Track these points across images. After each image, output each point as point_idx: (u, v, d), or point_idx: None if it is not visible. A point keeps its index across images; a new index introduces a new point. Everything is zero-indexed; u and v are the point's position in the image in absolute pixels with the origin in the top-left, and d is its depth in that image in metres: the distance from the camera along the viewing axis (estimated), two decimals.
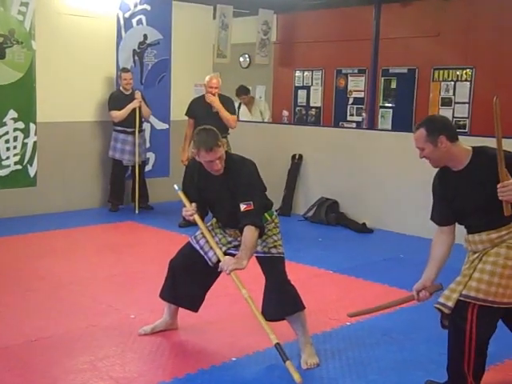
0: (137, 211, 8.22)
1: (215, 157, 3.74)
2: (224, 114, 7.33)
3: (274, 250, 4.08)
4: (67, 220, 7.73)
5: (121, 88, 8.17)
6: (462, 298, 3.20)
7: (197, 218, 3.94)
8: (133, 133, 8.15)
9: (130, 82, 8.10)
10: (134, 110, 8.07)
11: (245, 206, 3.77)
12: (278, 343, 3.59)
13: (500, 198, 3.10)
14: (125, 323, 4.43)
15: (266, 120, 9.72)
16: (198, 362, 3.84)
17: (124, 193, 8.49)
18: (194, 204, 3.95)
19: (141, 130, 8.27)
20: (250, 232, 3.74)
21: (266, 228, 3.94)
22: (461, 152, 3.30)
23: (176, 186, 4.14)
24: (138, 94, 8.11)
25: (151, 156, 8.97)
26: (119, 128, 8.17)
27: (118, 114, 8.05)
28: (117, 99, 8.10)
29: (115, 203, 8.40)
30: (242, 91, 9.61)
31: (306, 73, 10.48)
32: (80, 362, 3.75)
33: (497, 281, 3.17)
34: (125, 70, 8.17)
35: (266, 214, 4.00)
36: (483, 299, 3.17)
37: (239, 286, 3.83)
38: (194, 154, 3.88)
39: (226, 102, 7.54)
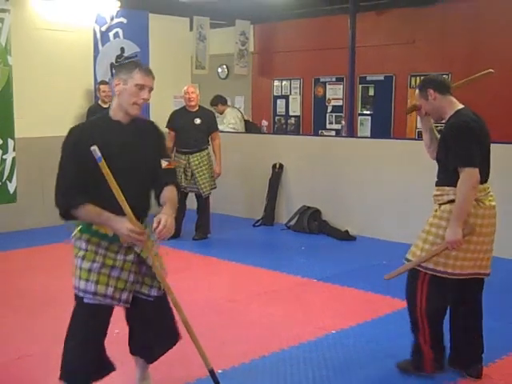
0: None
1: (151, 84, 3.20)
2: None
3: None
4: (48, 236, 7.66)
5: (99, 101, 8.13)
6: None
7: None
8: None
9: (108, 94, 8.05)
10: None
11: (166, 163, 3.22)
12: (211, 370, 3.31)
13: None
14: (108, 339, 4.39)
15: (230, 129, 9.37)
16: (183, 376, 3.82)
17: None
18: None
19: None
20: (173, 193, 3.22)
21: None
22: (449, 106, 3.61)
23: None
24: None
25: None
26: None
27: None
28: (95, 112, 8.02)
29: None
30: (217, 100, 9.39)
31: (284, 82, 10.52)
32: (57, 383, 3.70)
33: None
34: (103, 82, 8.14)
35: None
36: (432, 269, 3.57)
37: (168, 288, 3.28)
38: (120, 81, 3.13)
39: (207, 115, 7.55)
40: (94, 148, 2.85)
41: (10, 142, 7.79)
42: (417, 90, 3.74)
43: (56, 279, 5.89)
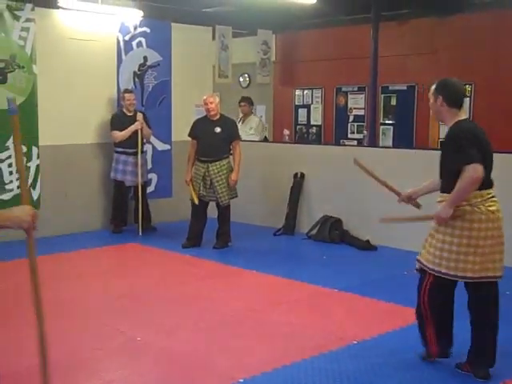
0: (140, 233, 8.19)
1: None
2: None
3: None
4: (71, 243, 7.73)
5: (123, 109, 8.20)
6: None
7: None
8: (134, 154, 8.14)
9: (132, 102, 8.14)
10: (135, 132, 8.08)
11: None
12: None
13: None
14: (131, 346, 4.42)
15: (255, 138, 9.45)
16: None
17: (127, 214, 8.47)
18: None
19: (142, 151, 8.27)
20: None
21: None
22: (450, 118, 3.91)
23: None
24: (139, 116, 8.14)
25: (153, 177, 8.99)
26: (120, 149, 8.16)
27: (119, 135, 8.07)
28: (119, 120, 8.13)
29: (118, 225, 8.37)
30: (246, 99, 9.42)
31: (306, 91, 10.52)
32: None
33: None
34: (127, 91, 8.22)
35: None
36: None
37: None
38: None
39: (229, 124, 7.55)
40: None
41: (34, 150, 7.89)
42: (433, 87, 3.97)
43: (80, 286, 5.94)
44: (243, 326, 4.86)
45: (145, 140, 8.35)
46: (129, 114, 8.15)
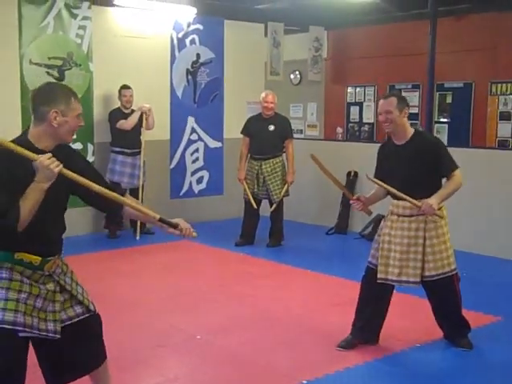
0: (138, 237, 7.85)
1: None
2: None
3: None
4: (77, 245, 7.72)
5: (120, 106, 7.81)
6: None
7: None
8: (132, 154, 7.77)
9: (130, 99, 7.76)
10: (135, 130, 7.72)
11: None
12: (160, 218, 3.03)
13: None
14: (191, 344, 4.41)
15: None
16: None
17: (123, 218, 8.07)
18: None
19: (140, 152, 7.85)
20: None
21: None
22: (408, 129, 4.17)
23: None
24: (146, 106, 7.77)
25: (205, 174, 9.00)
26: (117, 149, 7.77)
27: (128, 123, 7.64)
28: (116, 117, 7.72)
29: (114, 229, 7.92)
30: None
31: (358, 89, 10.38)
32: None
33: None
34: (125, 86, 7.79)
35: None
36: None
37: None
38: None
39: (282, 122, 7.51)
40: None
41: (90, 147, 7.97)
42: (393, 99, 4.13)
43: (131, 285, 5.97)
44: (302, 327, 4.80)
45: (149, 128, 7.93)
46: (126, 111, 7.80)
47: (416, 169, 4.08)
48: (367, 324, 4.35)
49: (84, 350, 3.00)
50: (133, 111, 7.80)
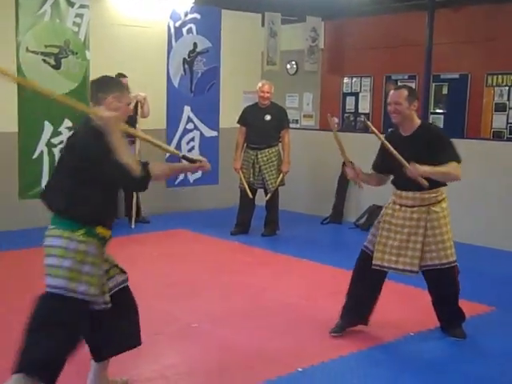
0: (133, 225, 7.87)
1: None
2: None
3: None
4: None
5: None
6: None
7: None
8: (128, 143, 7.68)
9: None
10: (130, 118, 7.62)
11: None
12: (183, 155, 3.48)
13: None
14: (187, 332, 4.44)
15: None
16: (263, 373, 3.81)
17: (118, 206, 7.97)
18: None
19: (135, 141, 7.63)
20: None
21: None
22: (415, 120, 4.24)
23: None
24: (141, 94, 7.75)
25: None
26: None
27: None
28: None
29: None
30: None
31: (354, 79, 10.41)
32: (148, 371, 3.77)
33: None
34: (121, 75, 7.54)
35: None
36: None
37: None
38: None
39: (278, 112, 7.54)
40: None
41: None
42: (403, 91, 4.19)
43: (132, 271, 5.98)
44: (298, 315, 4.84)
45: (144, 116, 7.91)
46: None
47: (420, 160, 4.07)
48: (356, 307, 4.42)
49: (125, 322, 3.28)
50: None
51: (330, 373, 3.83)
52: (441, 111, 9.29)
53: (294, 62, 11.04)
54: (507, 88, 8.59)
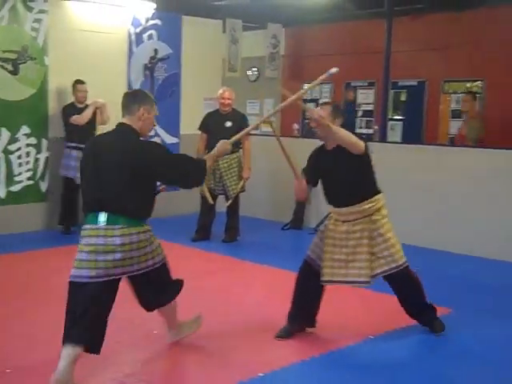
0: None
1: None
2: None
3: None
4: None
5: (74, 101, 7.71)
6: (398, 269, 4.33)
7: None
8: None
9: (84, 94, 7.66)
10: (89, 125, 7.61)
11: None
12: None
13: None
14: (148, 339, 4.42)
15: None
16: (225, 379, 3.82)
17: (78, 213, 7.72)
18: None
19: None
20: None
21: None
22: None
23: None
24: (100, 101, 7.71)
25: None
26: (72, 144, 7.61)
27: (82, 118, 7.53)
28: (70, 112, 7.62)
29: (68, 225, 7.79)
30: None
31: None
32: (108, 379, 3.74)
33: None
34: (80, 81, 7.67)
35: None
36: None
37: None
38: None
39: (239, 118, 7.56)
40: None
41: (44, 142, 7.88)
42: (328, 108, 4.34)
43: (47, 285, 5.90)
44: (259, 321, 4.86)
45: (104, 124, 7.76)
46: (80, 106, 7.68)
47: (344, 171, 4.26)
48: (301, 313, 4.53)
49: (162, 285, 4.06)
50: (87, 106, 7.72)
51: (291, 377, 3.86)
52: (399, 117, 9.44)
53: (255, 69, 11.10)
54: (463, 95, 8.77)
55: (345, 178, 4.29)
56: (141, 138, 3.76)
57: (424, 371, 3.97)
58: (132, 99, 3.73)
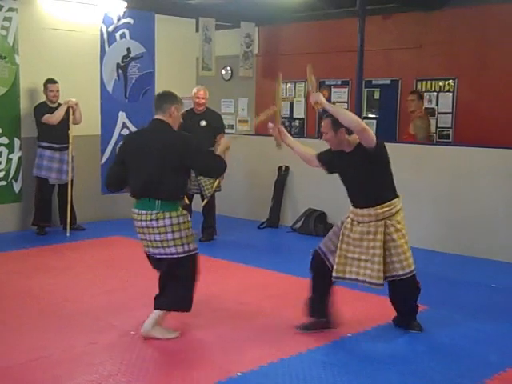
0: (68, 233, 7.70)
1: None
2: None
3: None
4: (51, 236, 7.64)
5: (46, 100, 7.64)
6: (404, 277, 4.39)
7: None
8: (60, 149, 7.61)
9: (56, 94, 7.58)
10: (62, 124, 7.56)
11: None
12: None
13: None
14: (125, 340, 4.38)
15: None
16: (203, 379, 3.80)
17: (51, 214, 7.86)
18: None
19: (68, 147, 7.67)
20: None
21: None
22: (351, 141, 4.31)
23: None
24: (72, 100, 7.66)
25: None
26: (45, 144, 7.58)
27: (54, 117, 7.49)
28: (42, 111, 7.56)
29: (42, 225, 7.75)
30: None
31: (288, 85, 10.51)
32: (85, 381, 3.69)
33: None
34: (52, 81, 7.60)
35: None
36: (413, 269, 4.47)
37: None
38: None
39: (214, 117, 7.55)
40: None
41: (16, 142, 7.78)
42: (328, 121, 4.34)
43: (62, 281, 5.87)
44: (237, 320, 4.85)
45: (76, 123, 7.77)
46: (52, 106, 7.61)
47: (363, 173, 4.31)
48: (315, 305, 4.56)
49: (172, 284, 4.35)
50: (59, 105, 7.64)
51: (270, 376, 3.84)
52: (373, 116, 9.48)
53: (228, 68, 11.06)
54: (436, 94, 8.85)
55: (359, 180, 4.37)
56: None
57: (400, 367, 3.99)
58: (164, 99, 4.36)
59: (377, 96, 9.43)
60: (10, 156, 7.73)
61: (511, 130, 8.03)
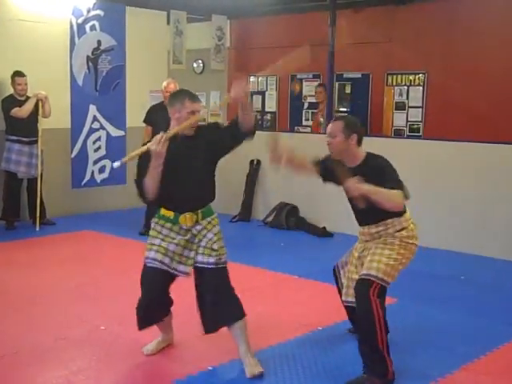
0: (37, 228, 7.65)
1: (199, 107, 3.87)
2: None
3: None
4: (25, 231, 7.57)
5: (14, 93, 7.55)
6: (363, 277, 3.77)
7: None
8: (29, 143, 7.55)
9: (24, 87, 7.50)
10: (31, 118, 7.52)
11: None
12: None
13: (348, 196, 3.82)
14: (95, 335, 4.36)
15: None
16: (174, 373, 3.80)
17: (20, 208, 7.81)
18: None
19: (37, 140, 7.62)
20: None
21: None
22: (357, 155, 3.89)
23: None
24: (42, 93, 7.59)
25: (107, 163, 8.82)
26: (14, 138, 7.51)
27: (23, 111, 7.42)
28: (11, 104, 7.48)
29: (11, 220, 7.69)
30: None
31: (260, 78, 10.51)
32: (54, 377, 3.66)
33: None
34: (19, 74, 7.50)
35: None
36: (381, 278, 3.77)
37: None
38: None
39: None
40: None
41: None
42: (339, 123, 3.89)
43: (32, 275, 5.80)
44: None
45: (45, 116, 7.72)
46: (20, 99, 7.53)
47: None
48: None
49: (214, 299, 3.92)
50: (28, 98, 7.54)
51: (240, 370, 3.85)
52: (345, 109, 9.53)
53: (200, 61, 11.03)
54: (406, 87, 8.93)
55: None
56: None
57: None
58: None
59: (348, 90, 9.48)
60: None
61: (480, 124, 8.13)
